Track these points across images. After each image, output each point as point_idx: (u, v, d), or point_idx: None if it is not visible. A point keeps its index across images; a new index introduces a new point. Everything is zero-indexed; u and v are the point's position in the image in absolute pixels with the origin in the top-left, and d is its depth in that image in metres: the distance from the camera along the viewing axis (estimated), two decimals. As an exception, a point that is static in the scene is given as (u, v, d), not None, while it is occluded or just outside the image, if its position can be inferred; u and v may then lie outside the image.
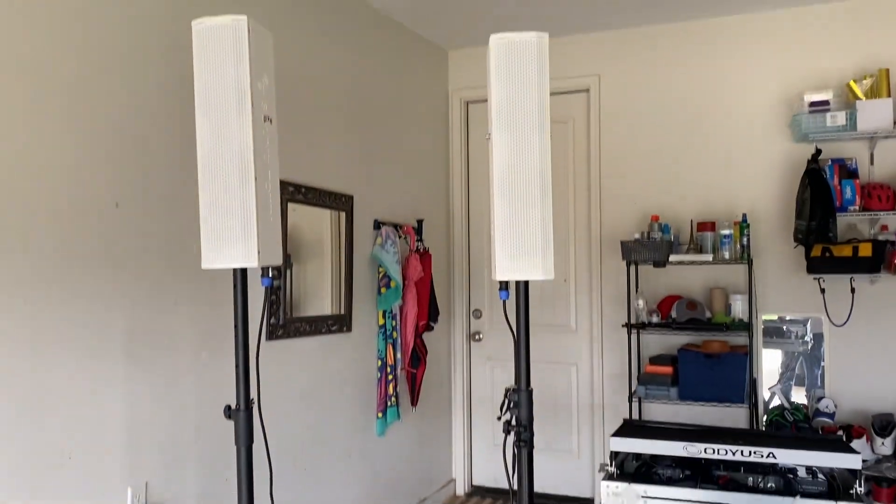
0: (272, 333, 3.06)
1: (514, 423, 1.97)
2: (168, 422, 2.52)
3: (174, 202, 2.56)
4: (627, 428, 2.47)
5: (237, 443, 1.99)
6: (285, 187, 3.12)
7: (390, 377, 3.81)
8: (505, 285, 2.00)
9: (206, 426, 2.67)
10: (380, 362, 3.81)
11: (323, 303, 3.46)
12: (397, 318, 3.89)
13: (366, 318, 3.75)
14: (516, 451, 1.98)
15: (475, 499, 4.64)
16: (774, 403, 4.02)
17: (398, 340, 3.89)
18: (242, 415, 1.99)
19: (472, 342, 4.80)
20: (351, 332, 3.62)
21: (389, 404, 3.82)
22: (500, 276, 1.94)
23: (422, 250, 4.19)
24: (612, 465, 2.34)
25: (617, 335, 4.34)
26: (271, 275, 2.01)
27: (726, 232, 3.92)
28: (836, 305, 3.90)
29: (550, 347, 4.56)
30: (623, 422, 2.73)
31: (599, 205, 4.44)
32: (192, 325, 2.64)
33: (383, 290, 3.81)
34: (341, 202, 3.55)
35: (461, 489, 4.74)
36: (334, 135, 3.54)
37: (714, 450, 2.23)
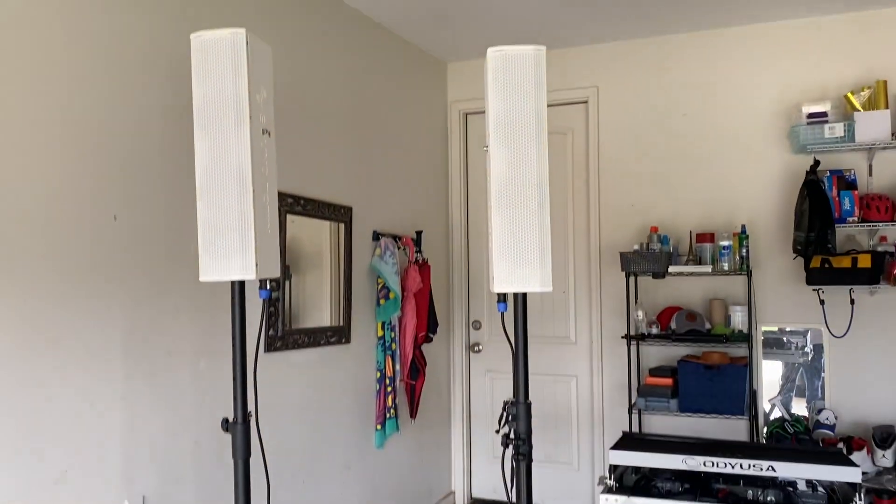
0: (271, 345, 3.05)
1: (512, 436, 1.97)
2: (166, 435, 2.51)
3: (173, 214, 2.56)
4: (626, 441, 2.46)
5: (234, 456, 1.98)
6: (284, 199, 3.12)
7: (389, 389, 3.80)
8: (503, 297, 2.00)
9: (204, 439, 2.66)
10: (379, 374, 3.80)
11: (322, 314, 3.46)
12: (396, 329, 3.89)
13: (365, 329, 3.74)
14: (515, 465, 1.97)
15: (475, 511, 4.62)
16: (775, 415, 4.01)
17: (397, 352, 3.89)
18: (240, 428, 1.98)
19: (471, 354, 4.79)
20: (350, 343, 3.61)
21: (388, 416, 3.81)
22: (497, 289, 1.94)
23: (421, 261, 4.18)
24: (611, 479, 2.33)
25: (617, 347, 4.33)
26: (269, 287, 2.01)
27: (725, 243, 3.92)
28: (835, 316, 3.89)
29: (550, 359, 4.55)
30: (622, 434, 2.72)
31: (598, 216, 4.44)
32: (190, 336, 2.63)
33: (382, 302, 3.80)
34: (340, 213, 3.55)
35: (461, 502, 4.72)
36: (333, 146, 3.55)
37: (713, 463, 2.22)
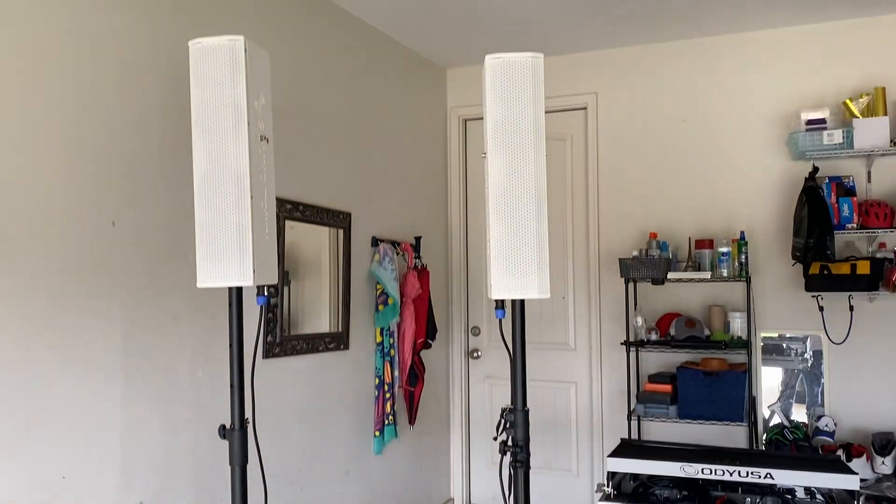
0: (269, 351, 3.05)
1: (510, 443, 1.96)
2: (163, 441, 2.51)
3: (171, 220, 2.56)
4: (625, 448, 2.46)
5: (231, 463, 1.98)
6: (283, 205, 3.13)
7: (388, 395, 3.79)
8: (501, 304, 2.00)
9: (201, 445, 2.65)
10: (377, 380, 3.79)
11: (320, 320, 3.45)
12: (395, 335, 3.89)
13: (363, 335, 3.74)
14: (512, 472, 1.97)
15: (473, 518, 4.60)
16: (774, 422, 4.00)
17: (396, 358, 3.88)
18: (237, 434, 1.98)
19: (470, 360, 4.79)
20: (348, 349, 3.61)
21: (387, 422, 3.80)
22: (495, 295, 1.94)
23: (420, 267, 4.18)
24: (609, 486, 2.32)
25: (616, 353, 4.33)
26: (267, 293, 2.01)
27: (724, 249, 3.92)
28: (834, 323, 3.89)
29: (549, 366, 4.54)
30: (620, 441, 2.72)
31: (598, 222, 4.44)
32: (188, 342, 2.63)
33: (381, 308, 3.80)
34: (339, 219, 3.56)
35: (459, 508, 4.71)
36: (332, 152, 3.56)
37: (711, 470, 2.22)
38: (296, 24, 3.31)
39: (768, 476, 2.16)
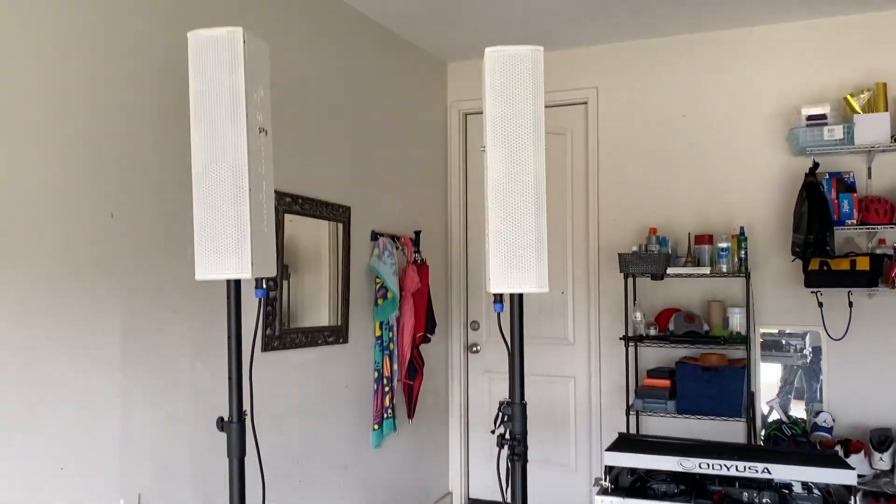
0: (268, 344, 3.05)
1: (507, 436, 1.97)
2: (162, 433, 2.51)
3: (169, 212, 2.56)
4: (622, 442, 2.46)
5: (229, 455, 1.98)
6: (282, 198, 3.12)
7: (387, 389, 3.80)
8: (500, 298, 2.00)
9: (200, 437, 2.66)
10: (376, 374, 3.80)
11: (320, 314, 3.45)
12: (394, 329, 3.89)
13: (363, 329, 3.74)
14: (510, 465, 1.97)
15: (472, 512, 4.61)
16: (773, 417, 4.00)
17: (395, 352, 3.88)
18: (235, 427, 1.98)
19: (469, 354, 4.79)
20: (347, 343, 3.61)
21: (386, 416, 3.80)
22: (494, 289, 1.94)
23: (419, 262, 4.18)
24: (606, 480, 2.33)
25: (615, 348, 4.33)
26: (265, 286, 2.01)
27: (724, 245, 3.92)
28: (834, 319, 3.89)
29: (548, 360, 4.54)
30: (618, 436, 2.72)
31: (597, 217, 4.44)
32: (187, 335, 2.63)
33: (380, 302, 3.80)
34: (339, 213, 3.55)
35: (458, 502, 4.71)
36: (332, 146, 3.55)
37: (709, 465, 2.22)
38: (295, 16, 3.30)
39: (766, 471, 2.16)
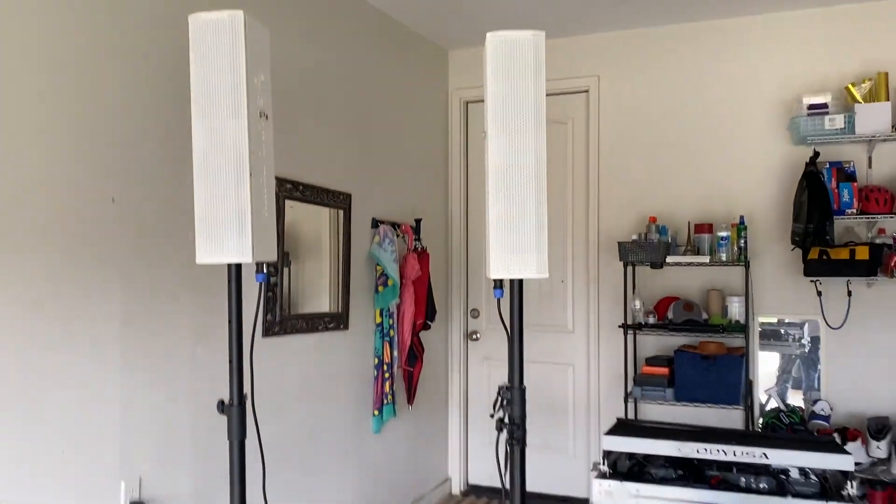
0: (268, 330, 3.06)
1: (507, 420, 1.97)
2: (162, 417, 2.53)
3: (170, 197, 2.56)
4: (621, 427, 2.47)
5: (230, 437, 1.99)
6: (283, 184, 3.12)
7: (387, 375, 3.81)
8: (500, 284, 2.00)
9: (200, 422, 2.67)
10: (377, 360, 3.81)
11: (320, 301, 3.46)
12: (394, 316, 3.90)
13: (363, 316, 3.75)
14: (509, 449, 1.98)
15: (471, 498, 4.64)
16: (771, 406, 4.02)
17: (395, 339, 3.90)
18: (235, 409, 1.99)
19: (469, 342, 4.80)
20: (348, 329, 3.62)
21: (386, 402, 3.82)
22: (494, 275, 1.95)
23: (420, 249, 4.19)
24: (604, 464, 2.34)
25: (614, 336, 4.34)
26: (266, 271, 2.01)
27: (724, 234, 3.92)
28: (832, 308, 3.90)
29: (547, 348, 4.56)
30: (616, 421, 2.73)
31: (598, 206, 4.44)
32: (187, 319, 2.64)
33: (381, 289, 3.81)
34: (339, 200, 3.55)
35: (457, 488, 4.74)
36: (333, 133, 3.55)
37: (707, 450, 2.23)
38: (296, 1, 3.29)
39: (763, 456, 2.17)
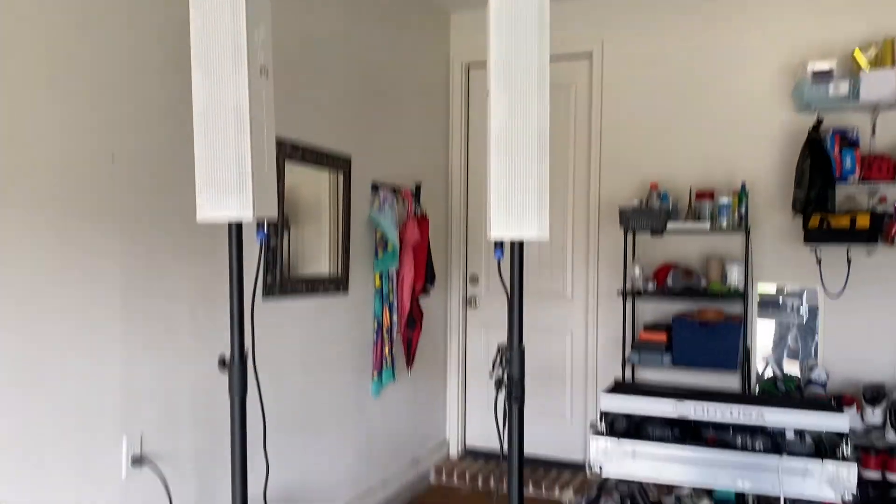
0: (268, 292, 3.07)
1: (505, 379, 1.99)
2: (163, 375, 2.54)
3: (171, 154, 2.55)
4: (618, 388, 2.50)
5: (231, 394, 2.00)
6: (282, 146, 3.10)
7: (386, 339, 3.83)
8: (500, 245, 2.00)
9: (201, 381, 2.69)
10: (376, 324, 3.83)
11: (320, 264, 3.47)
12: (394, 281, 3.91)
13: (363, 280, 3.76)
14: (507, 407, 2.00)
15: (468, 460, 4.69)
16: (767, 374, 4.05)
17: (395, 303, 3.91)
18: (237, 366, 2.00)
19: (468, 308, 4.82)
20: (348, 293, 3.63)
21: (385, 366, 3.85)
22: (494, 235, 1.94)
23: (420, 215, 4.18)
24: (601, 424, 2.37)
25: (612, 303, 4.35)
26: (267, 230, 2.01)
27: (725, 200, 3.91)
28: (831, 276, 3.91)
29: (545, 316, 4.58)
30: (614, 382, 2.76)
31: (599, 172, 4.42)
32: (188, 279, 2.64)
33: (380, 253, 3.81)
34: (339, 163, 3.54)
35: (454, 450, 4.80)
36: (332, 94, 3.52)
37: (704, 409, 2.26)
38: (297, -40, 3.24)
39: (759, 416, 2.20)
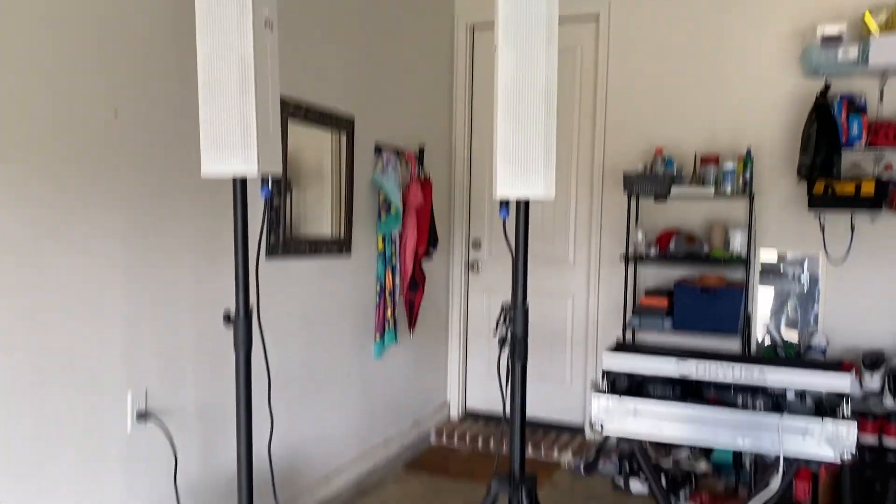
0: (272, 251, 3.07)
1: (509, 337, 2.00)
2: (168, 330, 2.56)
3: (176, 109, 2.53)
4: (621, 348, 2.51)
5: (236, 349, 2.02)
6: (286, 105, 3.08)
7: (388, 301, 3.85)
8: (505, 204, 1.99)
9: (205, 337, 2.71)
10: (378, 286, 3.84)
11: (322, 226, 3.46)
12: (397, 243, 3.91)
13: (365, 242, 3.76)
14: (510, 365, 2.01)
15: (468, 422, 4.74)
16: (768, 342, 4.07)
17: (397, 266, 3.92)
18: (242, 321, 2.01)
19: (470, 272, 4.83)
20: (350, 255, 3.63)
21: (387, 328, 3.87)
22: (500, 194, 1.94)
23: (423, 178, 4.17)
24: (603, 382, 2.38)
25: (614, 269, 4.36)
26: (270, 187, 2.00)
27: (730, 166, 3.89)
28: (835, 243, 3.90)
29: (547, 280, 4.59)
30: (616, 342, 2.77)
31: (604, 136, 4.39)
32: (192, 235, 2.64)
33: (383, 216, 3.81)
34: (342, 123, 3.51)
35: (455, 413, 4.85)
36: (335, 53, 3.48)
37: (706, 368, 2.27)
38: (300, -85, 3.18)
39: (760, 374, 2.21)
